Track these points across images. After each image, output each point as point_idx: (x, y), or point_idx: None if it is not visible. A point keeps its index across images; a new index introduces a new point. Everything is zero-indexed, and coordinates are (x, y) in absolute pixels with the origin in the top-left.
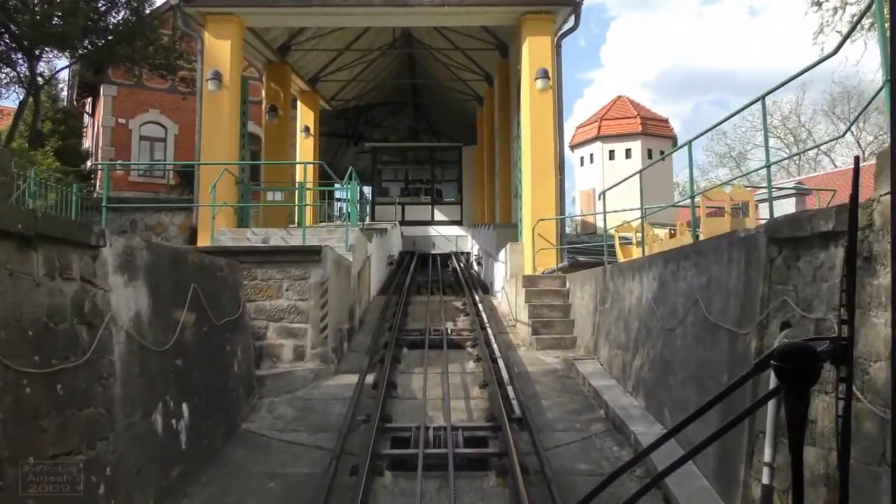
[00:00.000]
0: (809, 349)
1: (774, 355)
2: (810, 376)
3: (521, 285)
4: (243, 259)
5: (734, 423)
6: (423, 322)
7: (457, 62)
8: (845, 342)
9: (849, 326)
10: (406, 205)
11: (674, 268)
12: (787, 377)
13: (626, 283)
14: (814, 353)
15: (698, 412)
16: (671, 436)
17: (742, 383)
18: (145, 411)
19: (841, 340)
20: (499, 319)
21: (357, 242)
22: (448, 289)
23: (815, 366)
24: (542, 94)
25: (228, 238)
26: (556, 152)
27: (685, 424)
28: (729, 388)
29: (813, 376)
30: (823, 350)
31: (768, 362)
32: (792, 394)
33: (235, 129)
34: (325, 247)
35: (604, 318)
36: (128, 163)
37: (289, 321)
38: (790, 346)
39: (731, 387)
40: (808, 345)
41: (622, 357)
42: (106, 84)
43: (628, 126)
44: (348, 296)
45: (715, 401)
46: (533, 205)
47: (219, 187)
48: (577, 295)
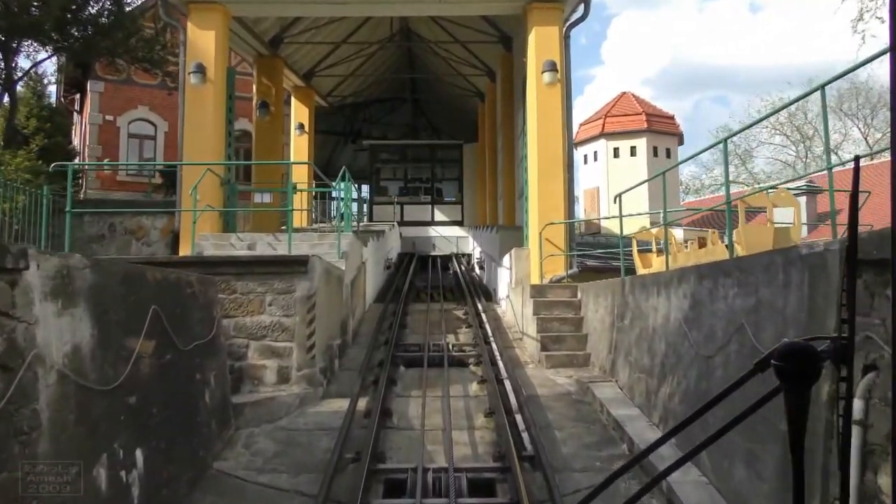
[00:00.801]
0: (810, 349)
1: (775, 355)
2: (811, 376)
3: (529, 295)
4: (220, 270)
5: (734, 423)
6: (422, 335)
7: (457, 56)
8: (846, 342)
9: (849, 326)
10: (405, 204)
11: (710, 285)
12: (788, 377)
13: (649, 299)
14: (814, 352)
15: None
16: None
17: (742, 383)
18: (85, 466)
19: (842, 340)
20: (504, 332)
21: (351, 249)
22: (448, 293)
23: (815, 365)
24: (550, 89)
25: (211, 244)
26: (565, 150)
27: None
28: (729, 388)
29: (814, 376)
30: (824, 350)
31: (769, 362)
32: (792, 393)
33: (221, 125)
34: (313, 257)
35: (622, 335)
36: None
37: (272, 339)
38: (791, 346)
39: (731, 387)
40: (809, 344)
41: (646, 383)
42: (93, 80)
43: (633, 123)
44: (340, 308)
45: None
46: (540, 207)
47: (202, 189)
48: (590, 307)
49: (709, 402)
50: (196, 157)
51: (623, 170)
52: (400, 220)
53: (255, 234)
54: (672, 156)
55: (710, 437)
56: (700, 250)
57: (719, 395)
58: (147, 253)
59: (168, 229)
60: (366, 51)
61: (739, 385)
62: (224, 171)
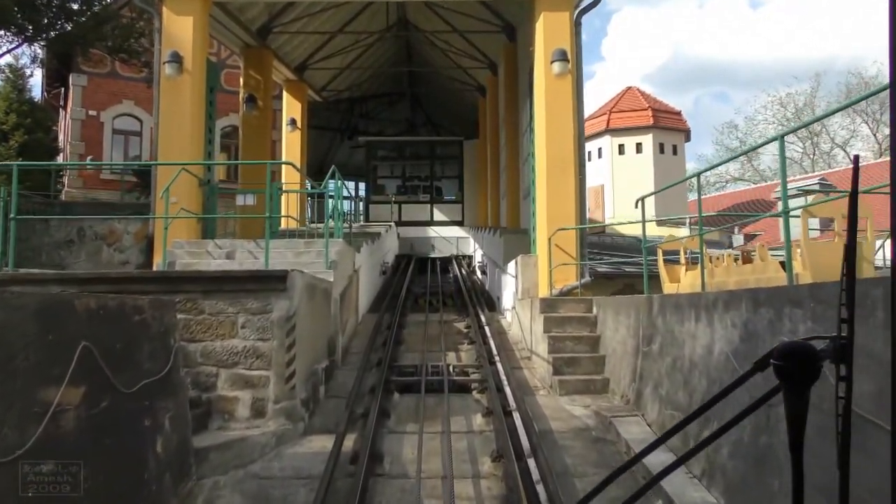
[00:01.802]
0: (809, 348)
1: (774, 354)
2: (810, 375)
3: (539, 311)
4: (185, 288)
5: (732, 423)
6: (420, 353)
7: (457, 48)
8: (845, 341)
9: (848, 325)
10: (403, 204)
11: (771, 315)
12: (787, 376)
13: (684, 324)
14: (814, 352)
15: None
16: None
17: (741, 382)
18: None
19: (841, 339)
20: (509, 348)
21: (341, 257)
22: (449, 299)
23: (814, 365)
24: (560, 80)
25: (186, 252)
26: (577, 148)
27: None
28: (728, 388)
29: (813, 375)
30: (823, 349)
31: (768, 361)
32: (792, 393)
33: (200, 121)
34: (293, 272)
35: (650, 363)
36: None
37: (245, 367)
38: (790, 345)
39: (730, 386)
40: (809, 344)
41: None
42: (75, 73)
43: (639, 118)
44: (327, 325)
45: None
46: (549, 210)
47: (178, 190)
48: (608, 325)
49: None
50: (172, 155)
51: (628, 167)
52: (398, 220)
53: (236, 241)
54: (679, 153)
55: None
56: (744, 266)
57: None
58: (119, 260)
59: (142, 234)
60: (361, 42)
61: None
62: (203, 170)
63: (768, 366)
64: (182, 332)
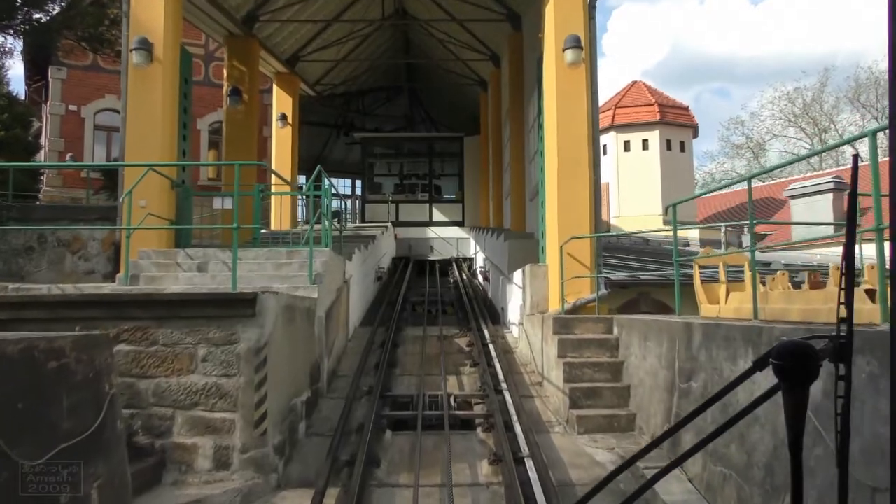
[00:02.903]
0: (808, 347)
1: (773, 353)
2: (809, 374)
3: (552, 331)
4: (133, 314)
5: (730, 423)
6: (417, 377)
7: (457, 39)
8: (844, 340)
9: (847, 324)
10: (400, 203)
11: (873, 368)
12: (786, 375)
13: (738, 362)
14: (813, 351)
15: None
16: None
17: (741, 381)
18: None
19: (840, 338)
20: (518, 371)
21: (328, 269)
22: (449, 307)
23: (814, 364)
24: (573, 71)
25: (152, 263)
26: (591, 145)
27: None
28: (728, 387)
29: (812, 374)
30: (823, 348)
31: (767, 360)
32: (791, 392)
33: (172, 115)
34: (264, 294)
35: (691, 404)
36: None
37: (206, 409)
38: (789, 344)
39: (729, 385)
40: (808, 343)
41: (739, 489)
42: (54, 66)
43: (645, 114)
44: (311, 350)
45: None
46: (560, 215)
47: (148, 193)
48: (633, 351)
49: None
50: (141, 153)
51: (634, 164)
52: (395, 220)
53: (210, 251)
54: (686, 149)
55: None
56: (813, 293)
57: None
58: (84, 269)
59: (110, 241)
60: (357, 33)
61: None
62: (178, 170)
63: (768, 365)
64: (131, 366)
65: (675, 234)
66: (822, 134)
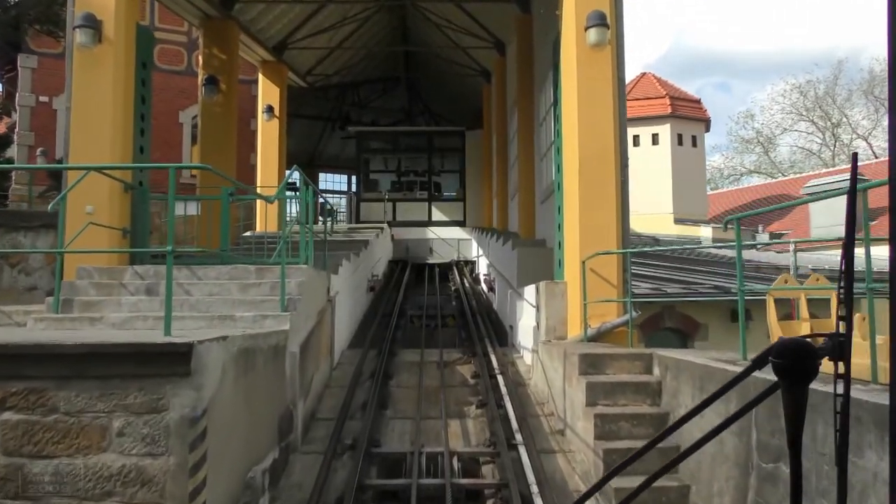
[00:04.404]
0: (808, 345)
1: (773, 352)
2: (808, 372)
3: (577, 370)
4: (24, 372)
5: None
6: (412, 422)
7: (458, 25)
8: (843, 339)
9: (846, 323)
10: (398, 202)
11: None
12: (786, 374)
13: (864, 454)
14: (812, 349)
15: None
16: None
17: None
18: None
19: (839, 337)
20: (534, 413)
21: (306, 291)
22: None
23: (813, 362)
24: (596, 53)
25: (92, 285)
26: (618, 142)
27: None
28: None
29: (811, 373)
30: (822, 346)
31: (766, 359)
32: (790, 390)
33: (125, 106)
34: (203, 344)
35: (778, 493)
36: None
37: (122, 499)
38: (788, 343)
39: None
40: (807, 341)
41: None
42: (23, 53)
43: (656, 107)
44: (278, 399)
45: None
46: (581, 224)
47: (96, 198)
48: (682, 401)
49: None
50: (87, 150)
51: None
52: (392, 219)
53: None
54: (698, 144)
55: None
56: None
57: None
58: (25, 285)
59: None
60: (351, 18)
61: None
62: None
63: (767, 363)
64: (21, 441)
65: (738, 254)
66: (834, 128)
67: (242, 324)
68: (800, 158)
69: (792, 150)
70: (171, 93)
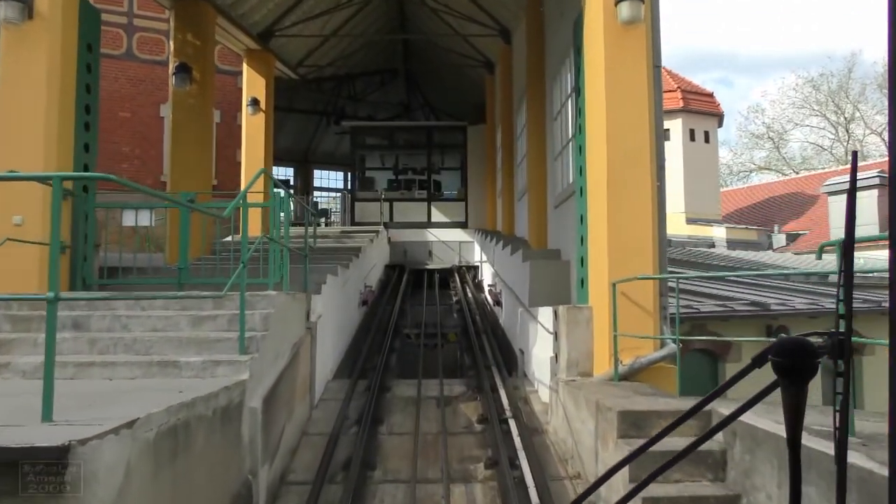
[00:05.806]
0: (807, 344)
1: (772, 350)
2: (808, 371)
3: (616, 431)
4: None
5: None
6: (405, 489)
7: (459, 11)
8: (843, 337)
9: (846, 321)
10: (395, 201)
11: None
12: (785, 372)
13: None
14: (812, 347)
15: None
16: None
17: (740, 378)
18: None
19: (839, 335)
20: (557, 476)
21: (275, 323)
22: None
23: (813, 360)
24: (629, 31)
25: (7, 317)
26: (654, 139)
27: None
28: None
29: (811, 371)
30: (821, 345)
31: (766, 357)
32: (790, 389)
33: (65, 95)
34: (89, 444)
35: None
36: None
37: None
38: (788, 341)
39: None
40: (806, 340)
41: None
42: None
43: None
44: (229, 474)
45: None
46: (610, 238)
47: (27, 206)
48: (760, 482)
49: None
50: (15, 147)
51: None
52: (389, 220)
53: (109, 293)
54: (711, 139)
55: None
56: None
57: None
58: None
59: None
60: (345, 2)
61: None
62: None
63: (766, 361)
64: None
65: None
66: (847, 124)
67: (188, 372)
68: (811, 154)
69: (803, 145)
70: (152, 85)
